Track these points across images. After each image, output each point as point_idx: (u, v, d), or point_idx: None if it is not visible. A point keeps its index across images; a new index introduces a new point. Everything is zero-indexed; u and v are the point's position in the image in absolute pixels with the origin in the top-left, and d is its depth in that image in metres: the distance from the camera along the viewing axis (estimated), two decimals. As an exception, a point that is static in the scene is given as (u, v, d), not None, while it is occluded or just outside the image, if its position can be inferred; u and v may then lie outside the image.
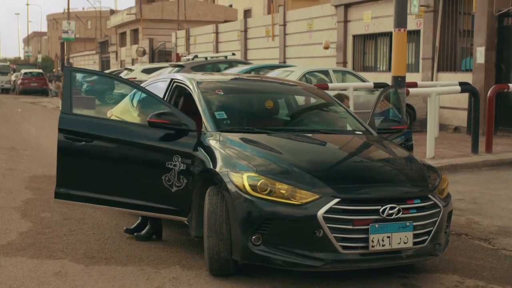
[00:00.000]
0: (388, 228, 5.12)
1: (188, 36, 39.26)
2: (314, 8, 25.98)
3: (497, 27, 15.72)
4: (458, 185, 9.53)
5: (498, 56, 15.72)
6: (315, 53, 24.18)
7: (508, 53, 15.57)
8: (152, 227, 6.71)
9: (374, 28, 20.75)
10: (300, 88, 7.98)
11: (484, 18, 15.67)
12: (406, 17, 9.84)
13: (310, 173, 5.29)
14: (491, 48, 15.67)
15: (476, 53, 15.93)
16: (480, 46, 15.78)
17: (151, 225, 6.71)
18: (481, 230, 7.43)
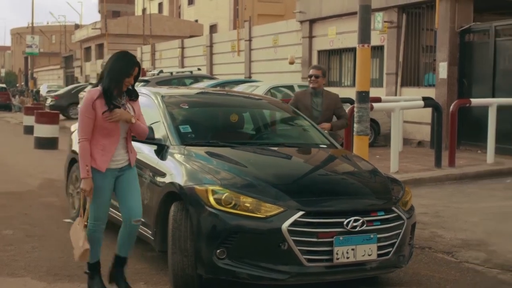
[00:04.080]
0: (352, 240, 5.14)
1: (153, 51, 39.19)
2: (280, 23, 26.12)
3: (459, 43, 15.95)
4: (421, 199, 9.62)
5: (460, 71, 15.94)
6: (280, 68, 24.29)
7: (470, 68, 15.81)
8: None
9: (338, 44, 20.92)
10: (265, 102, 8.03)
11: (446, 34, 15.90)
12: (369, 33, 9.91)
13: (275, 186, 5.30)
14: (453, 63, 15.90)
15: (438, 68, 16.14)
16: (442, 61, 15.99)
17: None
18: (445, 243, 7.50)
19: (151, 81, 19.37)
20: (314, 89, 8.20)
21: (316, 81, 8.17)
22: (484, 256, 6.94)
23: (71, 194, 8.25)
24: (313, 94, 8.20)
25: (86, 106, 5.10)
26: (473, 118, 15.13)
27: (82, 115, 5.13)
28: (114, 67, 5.17)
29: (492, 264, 6.68)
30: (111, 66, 5.18)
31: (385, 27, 18.03)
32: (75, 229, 5.33)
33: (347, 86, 20.32)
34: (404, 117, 15.80)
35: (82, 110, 5.14)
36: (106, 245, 7.09)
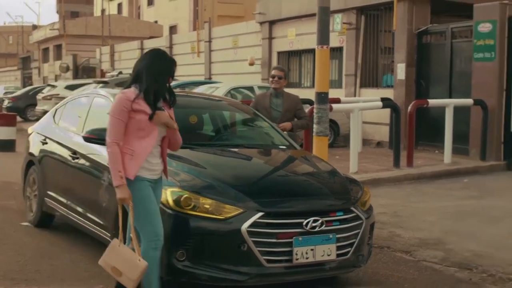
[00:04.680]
0: (311, 240, 5.16)
1: (112, 52, 38.88)
2: (239, 25, 26.14)
3: (417, 44, 16.14)
4: (380, 199, 9.71)
5: (418, 73, 16.14)
6: (240, 69, 24.30)
7: (427, 69, 16.01)
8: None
9: (298, 45, 21.01)
10: (225, 104, 8.02)
11: (404, 35, 16.08)
12: (328, 34, 9.97)
13: (234, 188, 5.30)
14: (411, 64, 16.09)
15: (397, 70, 16.32)
16: (400, 62, 16.18)
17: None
18: (403, 242, 7.58)
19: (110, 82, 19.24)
20: (275, 90, 8.22)
21: (279, 82, 8.19)
22: (442, 254, 7.04)
23: (28, 197, 8.15)
24: (273, 95, 8.22)
25: (120, 108, 4.70)
26: (431, 119, 15.32)
27: (114, 117, 4.71)
28: (156, 66, 4.81)
29: (450, 263, 6.77)
30: (152, 66, 4.80)
31: (344, 29, 18.16)
32: (117, 252, 4.71)
33: (306, 87, 20.41)
34: (363, 118, 15.93)
35: (115, 111, 4.72)
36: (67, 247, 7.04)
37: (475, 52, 13.76)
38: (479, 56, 13.67)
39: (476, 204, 9.81)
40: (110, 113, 4.76)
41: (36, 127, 8.59)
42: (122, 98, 4.74)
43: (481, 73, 13.61)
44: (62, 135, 7.54)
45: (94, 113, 7.17)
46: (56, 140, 7.57)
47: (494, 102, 13.31)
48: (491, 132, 13.37)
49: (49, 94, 24.86)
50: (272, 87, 8.26)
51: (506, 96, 13.32)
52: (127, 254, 4.66)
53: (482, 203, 9.83)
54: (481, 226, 8.38)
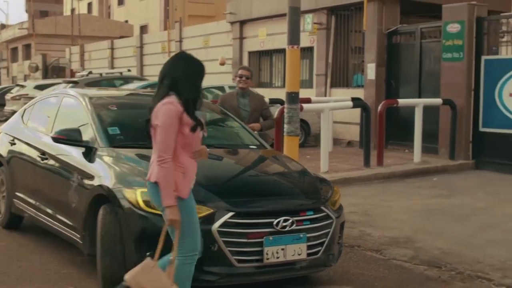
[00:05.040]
0: (282, 240, 5.18)
1: (82, 52, 38.58)
2: (210, 24, 26.11)
3: (387, 44, 16.25)
4: (351, 198, 9.76)
5: (388, 72, 16.24)
6: (211, 69, 24.20)
7: (397, 69, 16.13)
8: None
9: (269, 45, 21.04)
10: (195, 104, 7.98)
11: (374, 35, 16.18)
12: (299, 34, 10.00)
13: (204, 188, 5.28)
14: (381, 64, 16.19)
15: (367, 70, 16.41)
16: (370, 62, 16.27)
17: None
18: (373, 241, 7.64)
19: (80, 82, 19.09)
20: (242, 89, 8.24)
21: (246, 82, 8.21)
22: (411, 253, 7.10)
23: (-3, 198, 8.08)
24: (239, 95, 8.24)
25: (173, 119, 4.37)
26: (401, 118, 15.44)
27: (168, 130, 4.37)
28: (193, 73, 4.57)
29: (419, 261, 6.84)
30: (189, 73, 4.55)
31: (314, 29, 18.23)
32: (150, 273, 4.41)
33: (277, 87, 20.45)
34: (334, 118, 16.01)
35: (168, 124, 4.37)
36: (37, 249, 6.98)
37: (444, 52, 13.90)
38: (448, 56, 13.80)
39: (444, 202, 9.91)
40: (161, 125, 4.39)
41: (4, 128, 8.51)
42: (173, 109, 4.39)
43: (449, 73, 13.74)
44: (30, 136, 7.47)
45: (63, 113, 7.13)
46: (25, 141, 7.50)
47: (463, 102, 13.45)
48: (459, 132, 13.51)
49: (18, 94, 24.57)
50: (239, 86, 8.28)
51: (474, 95, 13.46)
52: (162, 277, 4.42)
53: (451, 202, 9.93)
54: (450, 224, 8.47)
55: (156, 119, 4.46)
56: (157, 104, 4.48)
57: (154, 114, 4.49)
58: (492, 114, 13.07)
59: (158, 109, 4.45)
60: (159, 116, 4.43)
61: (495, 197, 10.34)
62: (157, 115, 4.46)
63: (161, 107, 4.43)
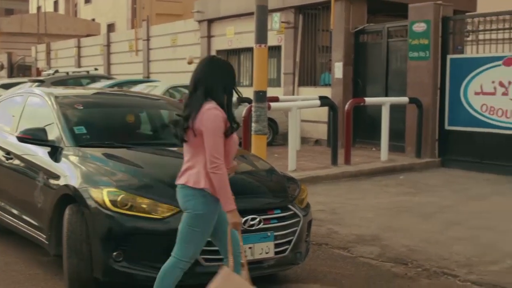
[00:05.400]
0: (249, 239, 5.18)
1: (48, 50, 38.16)
2: (178, 23, 26.01)
3: (354, 43, 16.34)
4: (318, 196, 9.79)
5: (355, 71, 16.34)
6: (179, 68, 24.15)
7: (364, 68, 16.23)
8: None
9: (237, 44, 21.03)
10: (163, 102, 7.97)
11: (341, 34, 16.26)
12: (266, 33, 10.03)
13: (172, 187, 5.22)
14: (348, 63, 16.28)
15: (334, 68, 16.49)
16: (338, 61, 16.35)
17: None
18: (340, 239, 7.68)
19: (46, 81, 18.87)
20: None
21: None
22: (378, 250, 7.15)
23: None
24: None
25: (220, 124, 4.35)
26: (368, 117, 15.55)
27: (217, 135, 4.34)
28: (228, 79, 4.55)
29: (386, 258, 6.89)
30: (225, 79, 4.53)
31: (282, 28, 18.27)
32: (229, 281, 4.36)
33: (245, 86, 20.44)
34: (302, 116, 16.06)
35: (216, 128, 4.33)
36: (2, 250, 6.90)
37: (410, 51, 14.02)
38: (414, 55, 13.92)
39: (411, 200, 10.00)
40: (211, 131, 4.33)
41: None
42: (219, 115, 4.37)
43: (416, 72, 13.87)
44: (-5, 135, 7.37)
45: (29, 113, 7.06)
46: (-11, 141, 7.40)
47: (429, 100, 13.58)
48: (426, 130, 13.64)
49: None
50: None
51: (440, 94, 13.59)
52: (241, 283, 4.40)
53: (417, 200, 10.03)
54: (416, 222, 8.55)
55: (201, 125, 4.38)
56: (200, 110, 4.40)
57: (198, 120, 4.38)
58: (457, 112, 13.21)
59: (202, 114, 4.38)
60: (207, 122, 4.35)
61: (461, 194, 10.46)
62: (201, 121, 4.38)
63: (206, 113, 4.37)
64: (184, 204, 4.51)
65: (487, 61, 12.61)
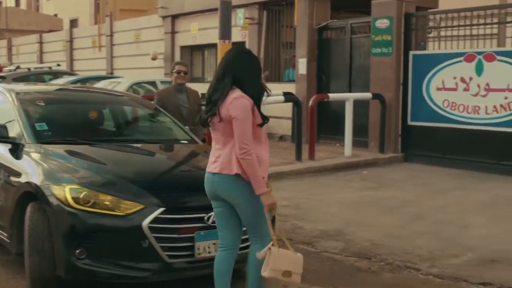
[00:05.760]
0: (213, 235, 5.14)
1: (10, 46, 37.66)
2: (142, 19, 25.86)
3: (317, 39, 16.41)
4: (283, 192, 9.82)
5: (319, 67, 16.40)
6: (143, 64, 24.05)
7: (328, 64, 16.30)
8: None
9: (201, 39, 20.98)
10: (127, 99, 7.94)
11: (305, 31, 16.32)
12: (230, 29, 10.04)
13: (135, 184, 5.25)
14: (312, 59, 16.34)
15: (298, 65, 16.54)
16: (302, 57, 16.41)
17: None
18: (305, 234, 7.71)
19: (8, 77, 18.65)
20: (180, 85, 8.19)
21: (184, 77, 8.19)
22: (342, 245, 7.20)
23: None
24: (177, 91, 8.18)
25: (248, 112, 4.49)
26: (332, 113, 15.62)
27: (246, 122, 4.48)
28: (254, 67, 4.70)
29: (349, 253, 6.94)
30: (254, 68, 4.70)
31: (246, 24, 18.26)
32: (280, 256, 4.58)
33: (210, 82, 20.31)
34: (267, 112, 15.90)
35: (246, 116, 4.48)
36: None
37: (373, 47, 14.12)
38: (377, 51, 14.03)
39: (374, 195, 10.08)
40: (239, 118, 4.47)
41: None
42: (247, 102, 4.50)
43: (379, 68, 13.98)
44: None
45: (-11, 109, 6.95)
46: None
47: (392, 96, 13.69)
48: (389, 125, 13.75)
49: None
50: (177, 82, 8.21)
51: (403, 90, 13.71)
52: (288, 254, 4.67)
53: (380, 194, 10.11)
54: (379, 216, 8.62)
55: (229, 112, 4.50)
56: (227, 98, 4.53)
57: (224, 107, 4.52)
58: (420, 108, 13.35)
59: (230, 102, 4.51)
60: (236, 110, 4.48)
61: (423, 189, 10.57)
62: (229, 108, 4.51)
63: (235, 101, 4.51)
64: (234, 192, 4.60)
65: (449, 57, 12.76)
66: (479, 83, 12.23)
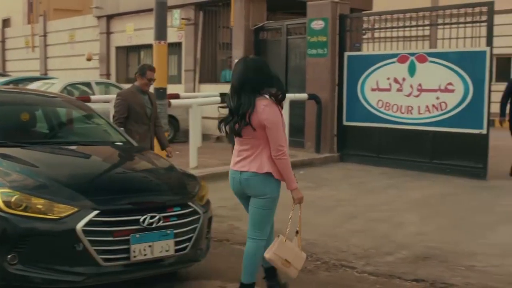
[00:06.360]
0: (149, 237, 5.14)
1: None
2: (76, 19, 25.46)
3: (254, 40, 16.47)
4: (220, 193, 9.77)
5: (255, 68, 16.42)
6: (78, 64, 23.70)
7: (264, 65, 16.35)
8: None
9: (137, 40, 20.80)
10: (61, 100, 7.81)
11: (241, 31, 16.36)
12: (166, 29, 9.97)
13: (68, 187, 5.16)
14: (249, 60, 16.34)
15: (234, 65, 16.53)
16: (238, 58, 16.37)
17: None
18: (242, 235, 7.69)
19: None
20: (145, 89, 8.11)
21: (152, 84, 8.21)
22: (278, 245, 7.22)
23: None
24: (140, 92, 8.08)
25: (280, 117, 4.97)
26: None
27: (280, 127, 4.95)
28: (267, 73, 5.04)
29: (286, 252, 6.97)
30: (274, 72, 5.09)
31: (182, 24, 18.19)
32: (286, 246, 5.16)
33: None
34: (203, 113, 16.03)
35: (278, 122, 4.93)
36: None
37: (309, 48, 14.26)
38: (313, 52, 14.17)
39: (311, 194, 10.14)
40: (275, 123, 4.89)
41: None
42: (276, 109, 4.94)
43: (314, 69, 14.12)
44: None
45: None
46: None
47: (327, 97, 13.85)
48: (324, 126, 13.90)
49: None
50: (145, 89, 8.08)
51: (338, 90, 13.89)
52: (294, 247, 5.20)
53: (317, 194, 10.21)
54: (315, 216, 8.70)
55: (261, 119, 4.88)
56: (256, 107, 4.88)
57: (255, 115, 4.88)
58: (354, 108, 13.55)
59: (262, 110, 4.87)
60: (269, 117, 4.88)
61: (358, 188, 10.73)
62: (261, 116, 4.88)
63: (266, 109, 4.89)
64: (262, 190, 5.09)
65: (383, 58, 12.99)
66: (412, 84, 12.48)
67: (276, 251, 5.07)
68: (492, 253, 6.97)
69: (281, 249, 5.09)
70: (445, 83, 11.99)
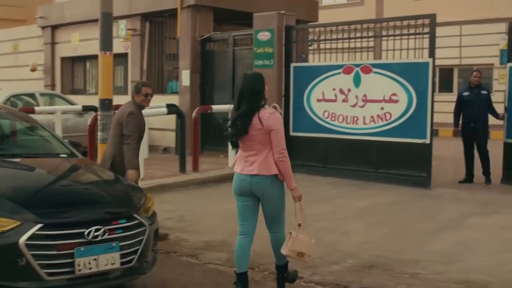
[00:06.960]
0: (94, 250, 5.08)
1: None
2: (20, 29, 25.04)
3: (201, 51, 16.46)
4: (167, 205, 9.78)
5: (202, 79, 16.46)
6: (21, 75, 23.30)
7: (211, 76, 16.39)
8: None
9: (82, 51, 20.58)
10: (3, 112, 7.66)
11: (188, 42, 16.34)
12: (111, 40, 9.90)
13: (10, 200, 5.07)
14: (195, 71, 16.37)
15: (181, 76, 16.53)
16: (185, 69, 16.40)
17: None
18: (189, 246, 7.70)
19: None
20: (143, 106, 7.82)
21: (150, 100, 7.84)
22: (226, 256, 7.24)
23: None
24: (141, 109, 7.81)
25: (282, 124, 5.66)
26: (216, 124, 15.68)
27: (282, 132, 5.59)
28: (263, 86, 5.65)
29: (233, 263, 6.93)
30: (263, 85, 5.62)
31: (128, 35, 18.07)
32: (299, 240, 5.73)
33: (92, 93, 20.05)
34: (150, 124, 15.91)
35: (281, 128, 5.59)
36: None
37: (256, 59, 14.34)
38: (259, 63, 14.25)
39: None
40: (280, 130, 5.54)
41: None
42: (279, 117, 5.61)
43: (261, 80, 14.16)
44: None
45: None
46: None
47: (274, 107, 13.90)
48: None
49: None
50: (143, 105, 7.78)
51: (284, 101, 13.98)
52: (305, 239, 5.77)
53: (264, 204, 10.22)
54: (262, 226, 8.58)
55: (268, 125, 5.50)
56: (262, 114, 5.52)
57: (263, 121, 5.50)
58: (301, 119, 13.65)
59: (268, 117, 5.51)
60: (274, 123, 5.53)
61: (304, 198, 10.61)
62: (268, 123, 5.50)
63: (271, 116, 5.54)
64: (272, 190, 5.68)
65: (328, 69, 13.13)
66: (357, 94, 12.65)
67: (291, 247, 5.69)
68: (436, 260, 7.10)
69: (295, 244, 5.69)
70: (389, 93, 12.18)
